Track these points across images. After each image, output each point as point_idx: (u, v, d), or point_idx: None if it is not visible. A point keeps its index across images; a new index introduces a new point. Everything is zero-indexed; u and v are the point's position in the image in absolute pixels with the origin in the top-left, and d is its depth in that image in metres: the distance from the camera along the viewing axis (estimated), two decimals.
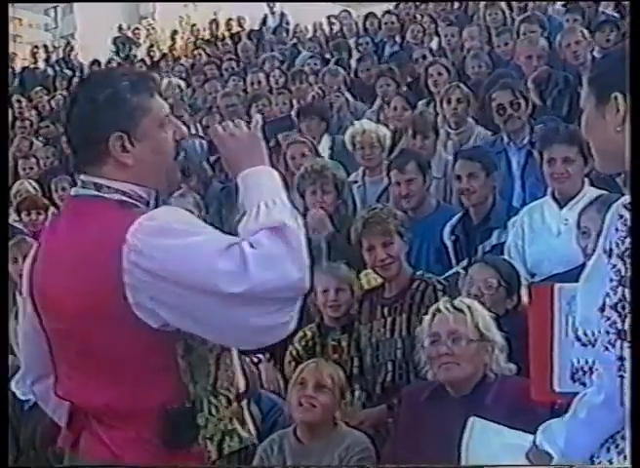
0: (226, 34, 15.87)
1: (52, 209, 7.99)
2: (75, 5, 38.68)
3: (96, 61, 15.33)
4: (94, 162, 2.58)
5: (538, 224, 4.96)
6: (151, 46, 16.22)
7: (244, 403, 2.72)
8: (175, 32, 17.26)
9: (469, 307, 3.82)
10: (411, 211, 5.58)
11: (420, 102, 8.04)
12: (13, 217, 7.96)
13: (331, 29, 13.77)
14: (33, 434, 4.99)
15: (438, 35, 10.45)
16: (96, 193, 2.58)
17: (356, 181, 6.48)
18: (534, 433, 2.50)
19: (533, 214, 5.03)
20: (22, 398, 4.12)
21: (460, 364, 3.70)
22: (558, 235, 4.84)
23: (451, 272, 5.00)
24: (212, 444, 2.58)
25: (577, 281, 2.36)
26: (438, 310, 3.85)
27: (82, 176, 2.64)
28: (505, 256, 4.92)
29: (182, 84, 11.42)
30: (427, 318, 3.89)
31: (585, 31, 7.54)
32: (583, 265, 3.92)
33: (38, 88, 13.69)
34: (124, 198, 2.57)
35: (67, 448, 2.71)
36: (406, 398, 3.97)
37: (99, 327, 2.48)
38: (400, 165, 5.68)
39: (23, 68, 16.46)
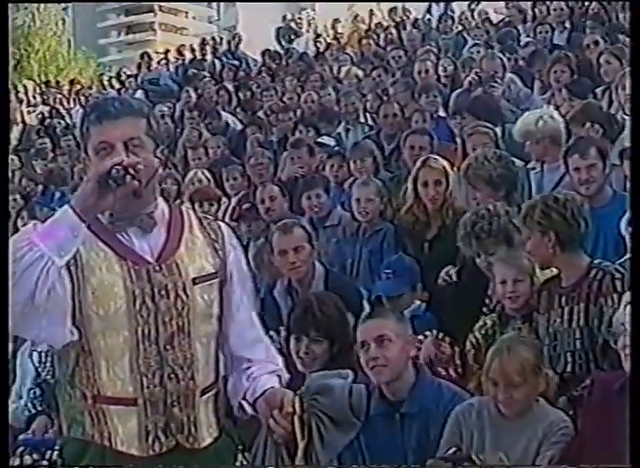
0: (390, 23, 15.87)
1: (224, 199, 8.13)
2: None
3: (267, 51, 15.53)
4: None
5: None
6: (318, 36, 16.35)
7: (116, 407, 2.86)
8: (336, 21, 17.38)
9: None
10: (588, 199, 5.44)
11: (598, 90, 7.87)
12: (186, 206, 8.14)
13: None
14: None
15: (610, 20, 10.21)
16: None
17: (534, 168, 6.37)
18: None
19: None
20: None
21: None
22: None
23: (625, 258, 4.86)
24: (65, 422, 2.96)
25: None
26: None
27: None
28: None
29: (360, 73, 11.45)
30: (622, 306, 3.78)
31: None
32: None
33: (206, 79, 13.94)
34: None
35: None
36: (597, 387, 3.86)
37: None
38: (581, 150, 5.58)
39: (191, 60, 16.84)
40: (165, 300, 2.84)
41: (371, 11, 17.58)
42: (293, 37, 17.08)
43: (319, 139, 8.86)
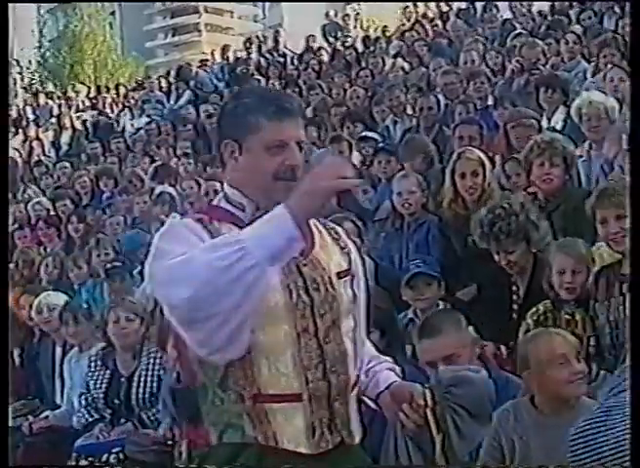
0: (436, 14, 15.80)
1: None
2: None
3: (309, 48, 15.54)
4: (214, 164, 2.93)
5: None
6: (366, 30, 16.34)
7: (279, 405, 2.76)
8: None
9: None
10: None
11: None
12: None
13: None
14: None
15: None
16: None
17: (581, 156, 6.27)
18: None
19: None
20: None
21: None
22: None
23: None
24: (214, 430, 2.81)
25: None
26: None
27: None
28: None
29: (406, 66, 11.39)
30: None
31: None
32: None
33: (253, 77, 14.00)
34: (224, 205, 2.87)
35: None
36: None
37: None
38: None
39: (237, 59, 16.89)
40: (318, 293, 2.79)
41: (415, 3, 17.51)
42: (339, 33, 17.08)
43: (364, 134, 8.81)
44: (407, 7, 17.51)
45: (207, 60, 18.01)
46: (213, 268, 2.48)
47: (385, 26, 16.73)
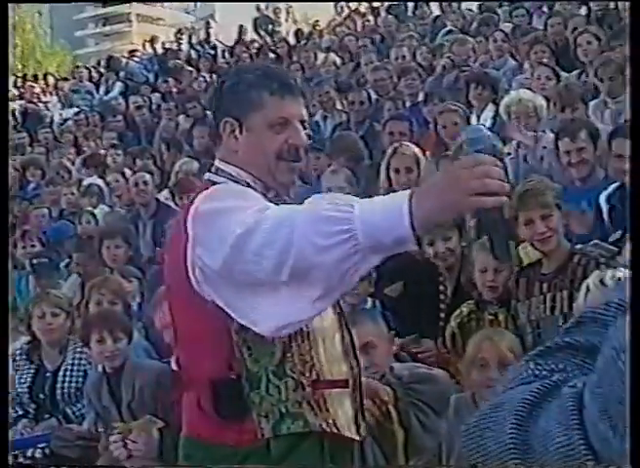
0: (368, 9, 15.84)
1: None
2: None
3: (241, 41, 15.47)
4: (213, 144, 2.79)
5: None
6: (298, 23, 16.32)
7: (334, 391, 2.69)
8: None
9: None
10: (579, 181, 5.50)
11: (573, 73, 7.85)
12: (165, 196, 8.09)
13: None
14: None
15: (587, 4, 10.18)
16: (208, 176, 2.79)
17: (509, 153, 6.33)
18: None
19: None
20: None
21: None
22: None
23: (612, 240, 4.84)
24: (267, 422, 2.58)
25: None
26: (588, 288, 3.68)
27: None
28: None
29: (338, 60, 11.36)
30: (581, 294, 3.73)
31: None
32: None
33: (182, 69, 13.88)
34: (228, 181, 2.70)
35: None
36: None
37: (177, 297, 2.74)
38: (572, 133, 5.56)
39: (167, 50, 16.75)
40: None
41: None
42: (270, 27, 17.03)
43: None
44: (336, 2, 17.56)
45: (136, 51, 17.84)
46: (311, 244, 2.24)
47: (317, 21, 16.71)
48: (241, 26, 16.43)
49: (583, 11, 10.08)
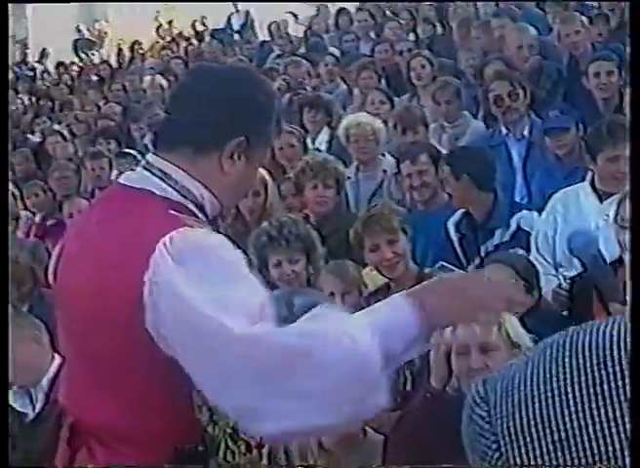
0: (192, 34, 15.72)
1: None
2: (29, 7, 38.29)
3: (61, 64, 15.05)
4: (195, 151, 2.27)
5: (573, 217, 4.71)
6: (119, 46, 16.00)
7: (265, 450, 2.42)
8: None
9: None
10: (421, 204, 5.46)
11: (405, 97, 7.88)
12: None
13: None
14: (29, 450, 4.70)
15: (415, 31, 10.30)
16: (141, 186, 2.27)
17: (349, 177, 6.22)
18: None
19: (568, 204, 4.76)
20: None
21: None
22: (596, 230, 4.48)
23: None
24: None
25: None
26: None
27: (150, 156, 2.34)
28: (532, 245, 4.76)
29: (165, 83, 11.07)
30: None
31: (585, 20, 7.39)
32: (620, 261, 3.76)
33: None
34: (182, 200, 2.26)
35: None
36: None
37: (111, 333, 2.17)
38: (413, 156, 5.52)
39: None
40: None
41: (170, 22, 17.36)
42: (91, 49, 16.71)
43: (124, 150, 8.49)
44: (160, 25, 17.35)
45: None
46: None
47: (137, 41, 16.21)
48: (44, 49, 16.03)
49: (412, 37, 10.18)
